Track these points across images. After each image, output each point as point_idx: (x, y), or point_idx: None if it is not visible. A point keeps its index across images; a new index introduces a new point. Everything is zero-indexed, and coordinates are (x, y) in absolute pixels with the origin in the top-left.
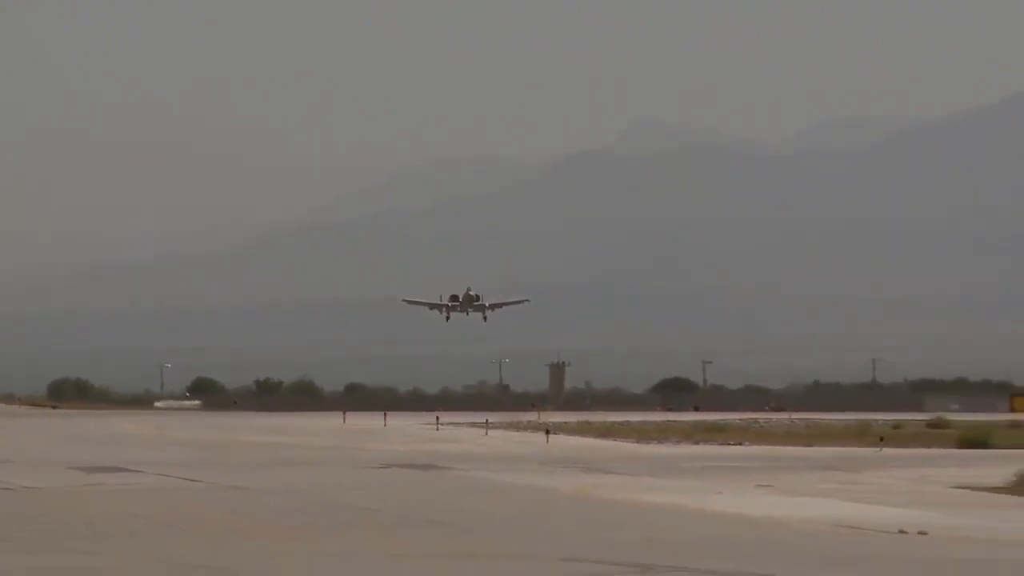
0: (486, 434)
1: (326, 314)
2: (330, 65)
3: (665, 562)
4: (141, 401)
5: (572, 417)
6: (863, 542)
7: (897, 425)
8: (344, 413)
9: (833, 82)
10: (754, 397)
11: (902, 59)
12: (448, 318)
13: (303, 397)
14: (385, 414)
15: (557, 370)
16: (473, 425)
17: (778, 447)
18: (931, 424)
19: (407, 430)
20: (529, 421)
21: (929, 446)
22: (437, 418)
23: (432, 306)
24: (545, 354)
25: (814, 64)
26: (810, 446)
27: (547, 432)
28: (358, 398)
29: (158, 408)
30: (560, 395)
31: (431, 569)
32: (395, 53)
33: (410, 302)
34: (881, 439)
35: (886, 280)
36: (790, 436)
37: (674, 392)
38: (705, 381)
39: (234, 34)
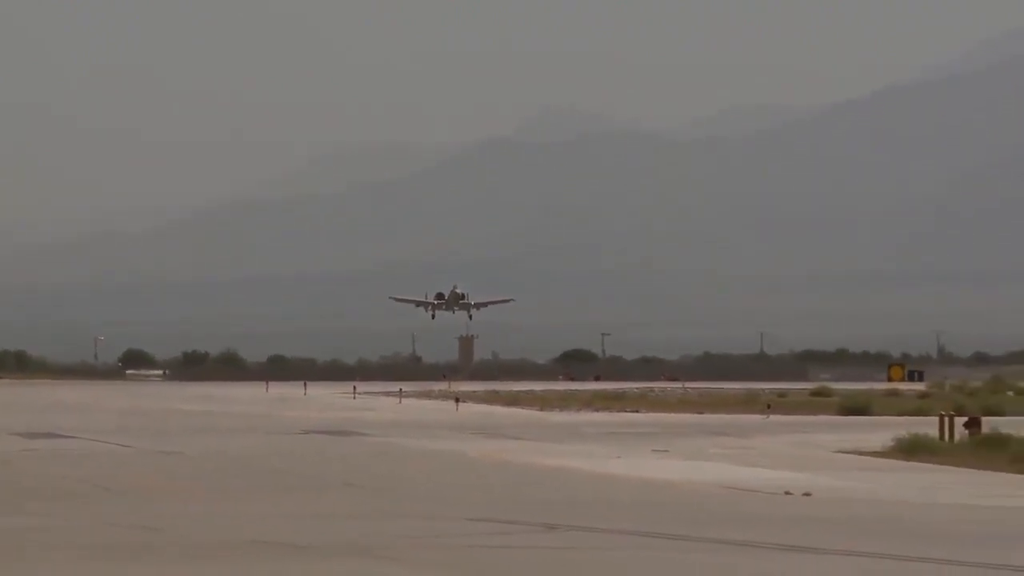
0: (400, 402)
1: (251, 289)
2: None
3: (568, 522)
4: (77, 372)
5: (480, 386)
6: (751, 502)
7: (783, 394)
8: (267, 383)
9: (732, 71)
10: (650, 367)
11: (788, 50)
12: (434, 316)
13: (228, 368)
14: (305, 384)
15: (466, 342)
16: (388, 394)
17: (672, 414)
18: (814, 393)
19: (326, 399)
20: (440, 390)
21: (813, 413)
22: (354, 388)
23: (418, 304)
24: (455, 328)
25: (714, 53)
26: (702, 413)
27: (457, 400)
28: (280, 369)
29: (130, 376)
30: (469, 366)
31: (344, 528)
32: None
33: (397, 300)
34: (768, 407)
35: (774, 258)
36: (683, 404)
37: (576, 363)
38: (604, 352)
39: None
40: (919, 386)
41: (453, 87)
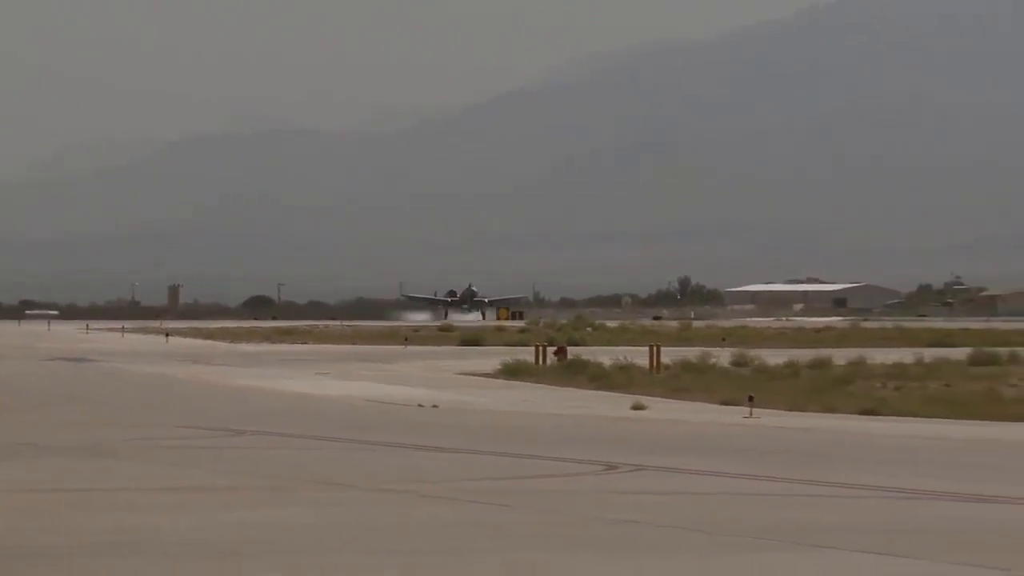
0: (123, 336)
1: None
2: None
3: (253, 428)
4: None
5: (185, 324)
6: (393, 412)
7: (417, 329)
8: (20, 320)
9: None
10: (317, 310)
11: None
12: (446, 314)
13: None
14: (49, 321)
15: (174, 291)
16: (112, 330)
17: (332, 346)
18: (441, 329)
19: (65, 334)
20: (154, 327)
21: (441, 345)
22: (87, 325)
23: (431, 302)
24: (167, 279)
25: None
26: (355, 345)
27: (167, 335)
28: (28, 310)
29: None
30: (176, 308)
31: (80, 434)
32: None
33: (410, 298)
34: (406, 339)
35: (415, 225)
36: (341, 338)
37: (260, 306)
38: (280, 298)
39: None
40: (520, 323)
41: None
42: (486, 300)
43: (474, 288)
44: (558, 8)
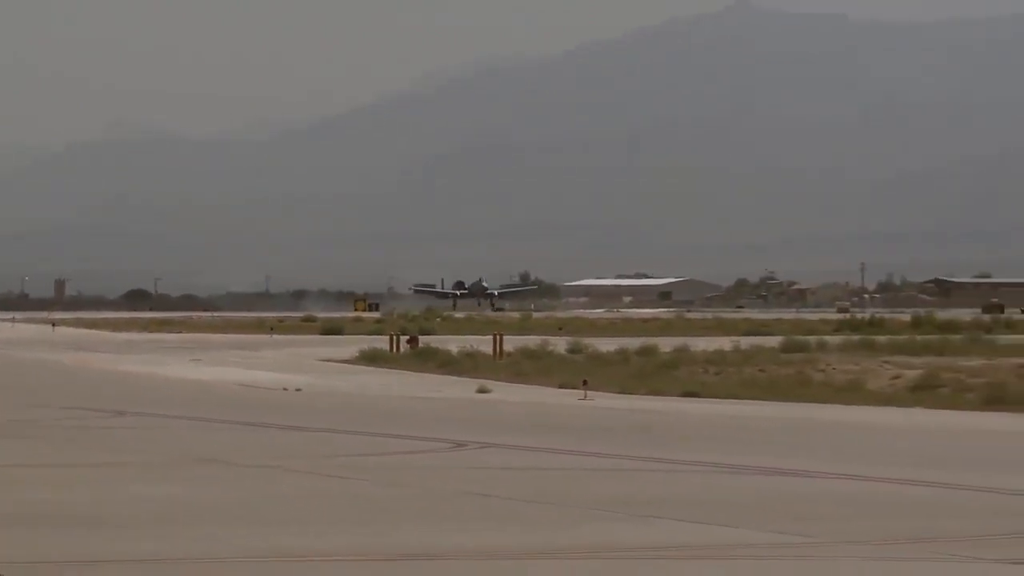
0: (12, 326)
1: None
2: None
3: (134, 409)
4: None
5: (70, 315)
6: (261, 396)
7: (282, 320)
8: None
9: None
10: (191, 303)
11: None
12: (455, 305)
13: None
14: None
15: (60, 284)
16: (2, 320)
17: (205, 334)
18: (304, 319)
19: None
20: (43, 318)
21: (304, 334)
22: None
23: (440, 294)
24: (54, 274)
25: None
26: (226, 334)
27: (53, 325)
28: None
29: None
30: (62, 300)
31: None
32: None
33: (419, 290)
34: (272, 329)
35: (281, 228)
36: (213, 327)
37: (138, 299)
38: (156, 291)
39: None
40: (376, 314)
41: None
42: (495, 293)
43: (484, 283)
44: (410, 27)
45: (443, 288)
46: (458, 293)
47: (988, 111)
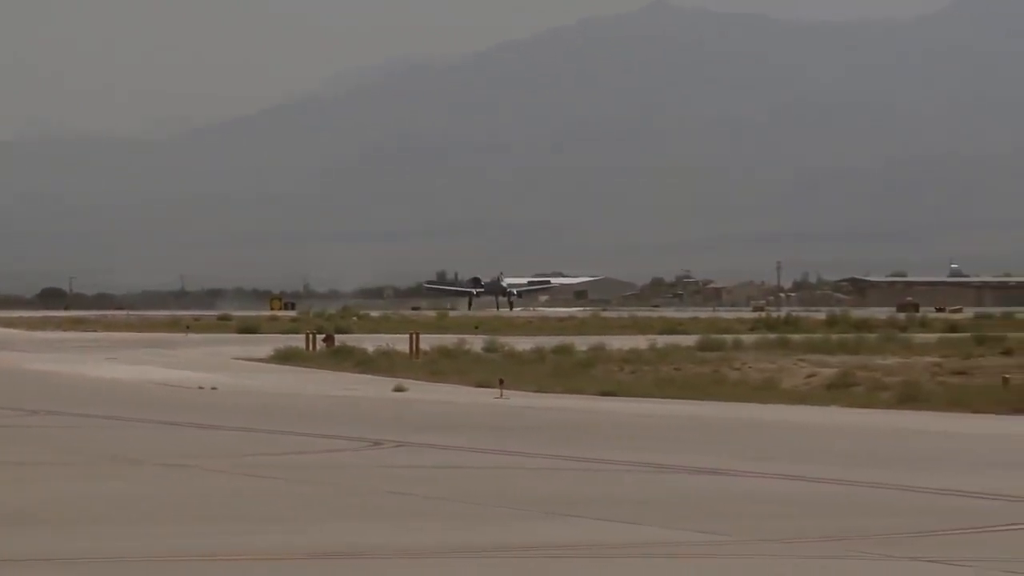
0: None
1: None
2: None
3: (48, 408)
4: None
5: None
6: (176, 394)
7: (198, 319)
8: None
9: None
10: (106, 302)
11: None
12: (471, 305)
13: None
14: None
15: None
16: None
17: (120, 333)
18: (220, 318)
19: None
20: None
21: (219, 332)
22: None
23: (455, 292)
24: None
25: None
26: (141, 332)
27: None
28: None
29: None
30: None
31: None
32: None
33: (433, 288)
34: (187, 327)
35: (195, 226)
36: (128, 326)
37: (53, 298)
38: (71, 290)
39: None
40: (292, 313)
41: None
42: (514, 291)
43: (503, 281)
44: (321, 27)
45: (457, 286)
46: (475, 291)
47: (904, 112)
